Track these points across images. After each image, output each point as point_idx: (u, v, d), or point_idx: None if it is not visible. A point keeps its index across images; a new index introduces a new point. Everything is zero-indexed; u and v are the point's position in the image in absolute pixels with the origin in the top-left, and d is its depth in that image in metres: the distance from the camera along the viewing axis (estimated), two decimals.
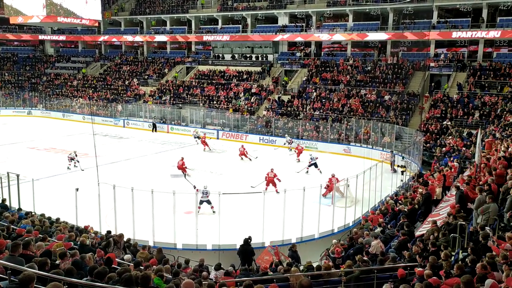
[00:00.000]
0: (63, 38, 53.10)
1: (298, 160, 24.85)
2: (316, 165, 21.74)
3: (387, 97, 31.07)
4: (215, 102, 36.34)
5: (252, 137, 31.03)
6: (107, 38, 49.95)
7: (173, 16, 45.98)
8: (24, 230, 8.60)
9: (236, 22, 43.78)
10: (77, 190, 12.60)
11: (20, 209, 12.98)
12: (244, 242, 11.71)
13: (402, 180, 19.66)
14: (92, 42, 53.17)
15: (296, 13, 39.52)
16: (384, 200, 16.47)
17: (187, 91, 38.87)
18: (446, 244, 8.04)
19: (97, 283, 5.74)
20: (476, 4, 31.78)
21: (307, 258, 10.84)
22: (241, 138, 31.30)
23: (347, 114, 30.44)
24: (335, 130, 28.85)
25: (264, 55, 40.33)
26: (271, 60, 39.99)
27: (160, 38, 46.74)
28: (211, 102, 36.48)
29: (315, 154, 23.73)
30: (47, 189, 17.06)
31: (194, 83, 39.96)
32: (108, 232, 11.43)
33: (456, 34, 32.27)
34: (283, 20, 40.28)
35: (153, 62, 45.88)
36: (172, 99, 38.30)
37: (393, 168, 22.34)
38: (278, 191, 16.40)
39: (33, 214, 12.23)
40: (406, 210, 12.71)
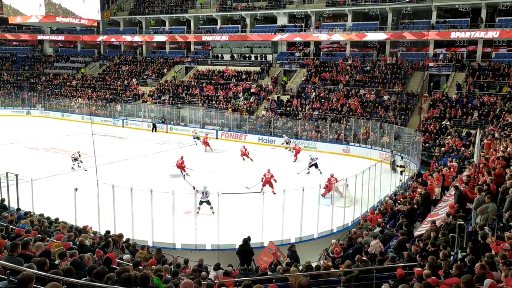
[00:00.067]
0: (62, 38, 53.09)
1: (295, 160, 24.87)
2: (316, 165, 21.64)
3: (386, 97, 31.09)
4: (214, 102, 36.34)
5: (251, 137, 31.03)
6: (106, 38, 49.92)
7: (172, 16, 45.96)
8: (23, 230, 8.60)
9: (235, 22, 43.76)
10: (76, 190, 12.61)
11: (19, 209, 12.96)
12: (243, 242, 11.71)
13: (401, 180, 19.67)
14: (91, 42, 53.13)
15: (295, 13, 39.52)
16: (383, 200, 16.49)
17: (186, 91, 38.86)
18: (445, 244, 8.05)
19: (96, 283, 5.74)
20: (475, 4, 31.81)
21: (306, 258, 10.86)
22: (240, 138, 31.31)
23: (346, 114, 30.45)
24: (334, 130, 28.87)
25: (263, 55, 40.33)
26: (270, 60, 39.99)
27: (159, 38, 46.71)
28: (210, 102, 36.47)
29: (314, 154, 23.69)
30: (46, 189, 17.09)
31: (193, 83, 39.95)
32: (107, 232, 11.42)
33: (455, 34, 32.30)
34: (282, 20, 40.27)
35: (152, 62, 45.86)
36: (171, 99, 38.29)
37: (393, 168, 22.31)
38: (274, 192, 16.29)
39: (32, 214, 12.23)
40: (405, 210, 12.73)
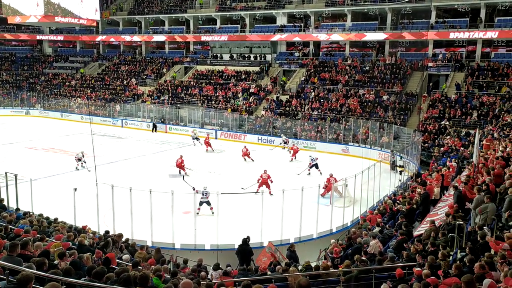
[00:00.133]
0: (61, 38, 53.05)
1: (292, 159, 24.87)
2: (317, 166, 21.52)
3: (385, 97, 31.10)
4: (214, 102, 36.33)
5: (250, 137, 31.02)
6: (105, 38, 49.90)
7: (171, 16, 45.95)
8: (22, 230, 8.59)
9: (234, 22, 43.74)
10: (75, 190, 12.60)
11: (18, 209, 12.92)
12: (242, 242, 11.70)
13: (400, 180, 19.67)
14: (90, 42, 53.10)
15: (294, 13, 39.53)
16: (382, 200, 16.49)
17: (185, 91, 38.85)
18: (444, 244, 8.06)
19: (95, 283, 5.73)
20: (474, 4, 31.83)
21: (305, 258, 10.85)
22: (239, 138, 31.31)
23: (345, 114, 30.46)
24: (333, 130, 28.87)
25: (263, 55, 40.32)
26: (270, 60, 39.98)
27: (158, 38, 46.69)
28: (210, 102, 36.46)
29: (314, 154, 23.61)
30: (45, 189, 17.09)
31: (192, 83, 39.94)
32: (106, 232, 11.41)
33: (454, 34, 32.32)
34: (282, 20, 40.26)
35: (151, 62, 45.84)
36: (170, 99, 38.27)
37: (393, 167, 22.28)
38: (271, 193, 16.18)
39: (31, 214, 12.21)
40: (404, 210, 12.73)
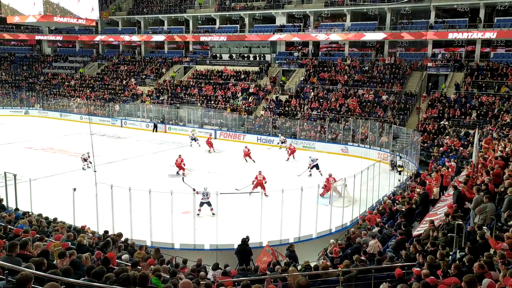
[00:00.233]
0: (60, 38, 52.99)
1: (288, 159, 24.91)
2: (317, 166, 21.41)
3: (384, 97, 31.11)
4: (213, 102, 36.32)
5: (250, 137, 31.01)
6: (105, 37, 49.85)
7: (170, 16, 45.93)
8: (21, 230, 8.58)
9: (233, 22, 43.73)
10: (74, 190, 12.59)
11: (17, 209, 12.92)
12: (242, 242, 11.69)
13: (399, 180, 19.69)
14: (89, 42, 53.03)
15: (293, 13, 39.53)
16: (381, 199, 16.48)
17: (184, 91, 38.83)
18: (444, 244, 8.06)
19: (94, 283, 5.73)
20: (474, 4, 31.85)
21: (304, 258, 10.85)
22: (239, 138, 31.30)
23: (344, 114, 30.47)
24: (332, 130, 28.87)
25: (262, 55, 40.31)
26: (269, 60, 39.97)
27: (157, 38, 46.66)
28: (209, 102, 36.45)
29: (314, 155, 23.58)
30: (44, 189, 17.06)
31: (191, 83, 39.92)
32: (106, 232, 11.41)
33: (453, 34, 32.34)
34: (281, 20, 40.25)
35: (150, 62, 45.82)
36: (169, 99, 38.25)
37: (392, 167, 22.27)
38: (266, 194, 15.98)
39: (30, 214, 12.20)
40: (404, 209, 12.74)
